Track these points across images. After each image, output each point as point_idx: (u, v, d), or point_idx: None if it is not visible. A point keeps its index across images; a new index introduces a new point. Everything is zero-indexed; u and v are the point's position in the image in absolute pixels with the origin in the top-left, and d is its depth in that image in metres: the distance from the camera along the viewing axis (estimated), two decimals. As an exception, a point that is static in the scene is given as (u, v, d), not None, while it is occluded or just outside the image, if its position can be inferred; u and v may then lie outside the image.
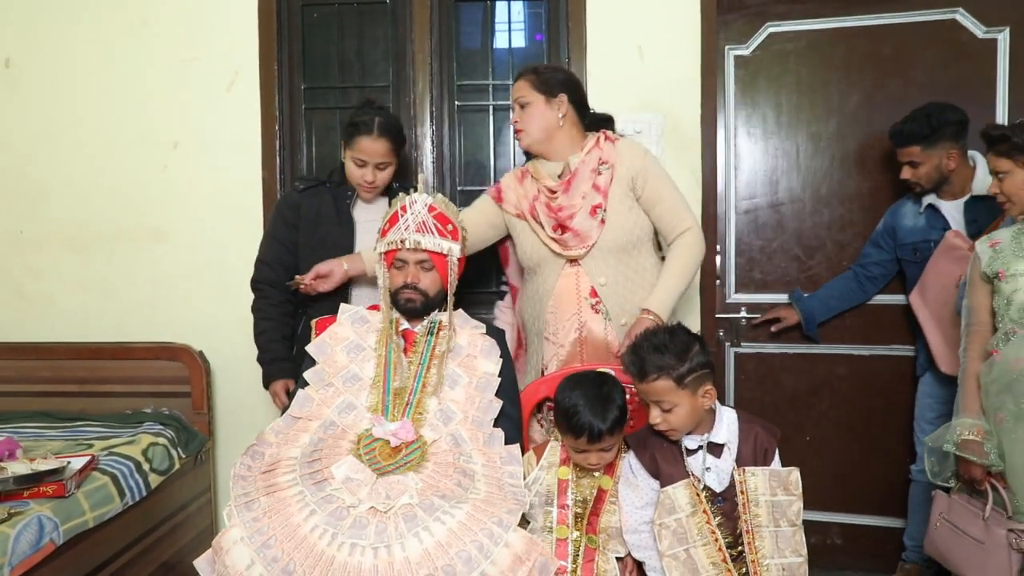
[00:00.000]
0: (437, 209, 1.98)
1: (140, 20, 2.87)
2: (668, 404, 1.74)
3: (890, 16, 2.73)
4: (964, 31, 2.68)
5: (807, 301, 2.76)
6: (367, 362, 1.94)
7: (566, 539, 1.84)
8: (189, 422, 2.73)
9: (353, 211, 2.38)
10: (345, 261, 2.22)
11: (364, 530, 1.57)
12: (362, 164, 2.31)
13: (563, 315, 2.17)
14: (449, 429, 1.84)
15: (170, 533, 2.51)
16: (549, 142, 2.20)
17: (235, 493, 1.67)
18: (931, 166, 2.44)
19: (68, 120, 2.91)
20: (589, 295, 2.16)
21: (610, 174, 2.16)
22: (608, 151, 2.19)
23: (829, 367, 2.86)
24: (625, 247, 2.16)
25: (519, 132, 2.21)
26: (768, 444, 1.82)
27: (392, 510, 1.61)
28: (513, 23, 2.95)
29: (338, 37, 2.92)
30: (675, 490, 1.77)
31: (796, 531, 1.76)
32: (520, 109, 2.19)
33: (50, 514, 1.92)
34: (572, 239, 2.14)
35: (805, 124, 2.84)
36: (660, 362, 1.73)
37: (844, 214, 2.83)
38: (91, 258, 2.93)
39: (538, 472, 1.91)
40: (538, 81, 2.18)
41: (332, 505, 1.62)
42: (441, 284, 1.98)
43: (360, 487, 1.66)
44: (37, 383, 2.81)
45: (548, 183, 2.19)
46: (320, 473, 1.70)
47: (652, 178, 2.18)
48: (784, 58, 2.82)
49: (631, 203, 2.17)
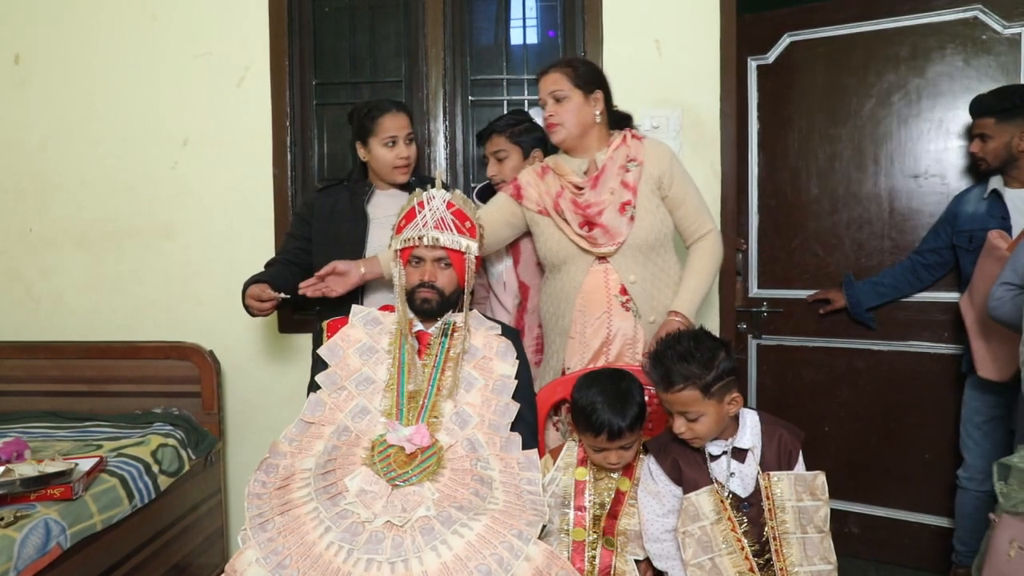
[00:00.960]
0: (456, 205, 1.92)
1: (150, 16, 2.84)
2: (694, 414, 1.67)
3: (908, 18, 2.78)
4: (985, 28, 2.71)
5: (856, 286, 2.80)
6: (380, 365, 1.89)
7: (583, 541, 1.80)
8: (199, 423, 2.69)
9: (368, 207, 2.35)
10: (363, 264, 2.17)
11: (380, 545, 1.53)
12: (393, 142, 2.29)
13: (592, 313, 2.12)
14: (465, 433, 1.79)
15: (179, 536, 2.47)
16: (583, 138, 2.16)
17: (250, 514, 1.64)
18: (1001, 142, 2.41)
19: (77, 117, 2.88)
20: (619, 293, 2.11)
21: (639, 171, 2.13)
22: (636, 149, 2.16)
23: (848, 360, 2.94)
24: (653, 245, 2.13)
25: (554, 127, 2.14)
26: (792, 447, 1.75)
27: (408, 523, 1.58)
28: (527, 19, 2.90)
29: (350, 32, 2.88)
30: (699, 496, 1.71)
31: (824, 537, 1.70)
32: (555, 103, 2.13)
33: (57, 517, 1.89)
34: (601, 236, 2.10)
35: (824, 126, 2.91)
36: (686, 371, 1.66)
37: (862, 213, 2.90)
38: (101, 256, 2.90)
39: (555, 473, 1.87)
40: (576, 76, 2.12)
41: (347, 520, 1.59)
42: (457, 283, 1.93)
43: (375, 500, 1.63)
44: (46, 383, 2.79)
45: (574, 179, 2.14)
46: (335, 486, 1.67)
47: (678, 179, 2.16)
48: (804, 65, 2.93)
49: (657, 202, 2.15)
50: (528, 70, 2.87)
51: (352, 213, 2.33)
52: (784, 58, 2.96)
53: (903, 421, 2.84)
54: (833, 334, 2.93)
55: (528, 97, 2.85)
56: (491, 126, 2.42)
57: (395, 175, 2.33)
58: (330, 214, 2.34)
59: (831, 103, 2.90)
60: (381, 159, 2.31)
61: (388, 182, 2.36)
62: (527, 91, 2.86)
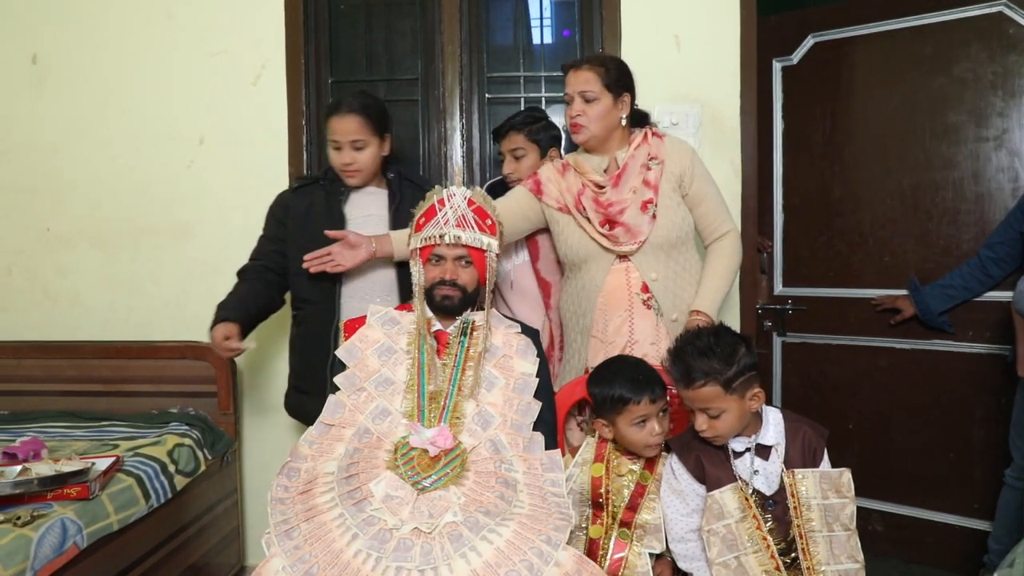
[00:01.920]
0: (476, 203, 1.90)
1: (166, 14, 2.83)
2: (716, 410, 1.65)
3: (932, 16, 2.74)
4: (1012, 23, 2.67)
5: (923, 292, 2.71)
6: (399, 365, 1.86)
7: (599, 539, 1.79)
8: (215, 423, 2.68)
9: (345, 208, 2.26)
10: (375, 240, 2.12)
11: (409, 552, 1.51)
12: (337, 147, 2.22)
13: (613, 312, 2.10)
14: (488, 434, 1.76)
15: (196, 536, 2.46)
16: (606, 140, 2.14)
17: (274, 520, 1.62)
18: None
19: (94, 116, 2.87)
20: (641, 291, 2.09)
21: (660, 170, 2.11)
22: (657, 147, 2.14)
23: (872, 358, 2.91)
24: (675, 243, 2.12)
25: (580, 128, 2.10)
26: (817, 444, 1.73)
27: (436, 529, 1.55)
28: (544, 17, 2.88)
29: (366, 29, 2.86)
30: (722, 494, 1.68)
31: (851, 535, 1.67)
32: (584, 103, 2.09)
33: (74, 517, 1.87)
34: (623, 234, 2.07)
35: (848, 126, 2.90)
36: (706, 367, 1.63)
37: (886, 212, 2.86)
38: (117, 255, 2.89)
39: (572, 469, 1.86)
40: (607, 77, 2.08)
41: (374, 527, 1.57)
42: (478, 281, 1.90)
43: (401, 506, 1.60)
44: (63, 382, 2.78)
45: (594, 178, 2.12)
46: (359, 491, 1.64)
47: (698, 177, 2.15)
48: (828, 65, 2.92)
49: (679, 199, 2.13)
50: (546, 67, 2.84)
51: (328, 213, 2.24)
52: (808, 58, 2.97)
53: (928, 419, 2.80)
54: (856, 332, 2.91)
55: (545, 94, 2.82)
56: (508, 123, 2.40)
57: (344, 177, 2.26)
58: (306, 214, 2.26)
59: (855, 103, 2.88)
60: (331, 160, 2.26)
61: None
62: (544, 88, 2.83)
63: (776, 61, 3.01)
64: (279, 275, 2.31)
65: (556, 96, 2.77)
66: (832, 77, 2.92)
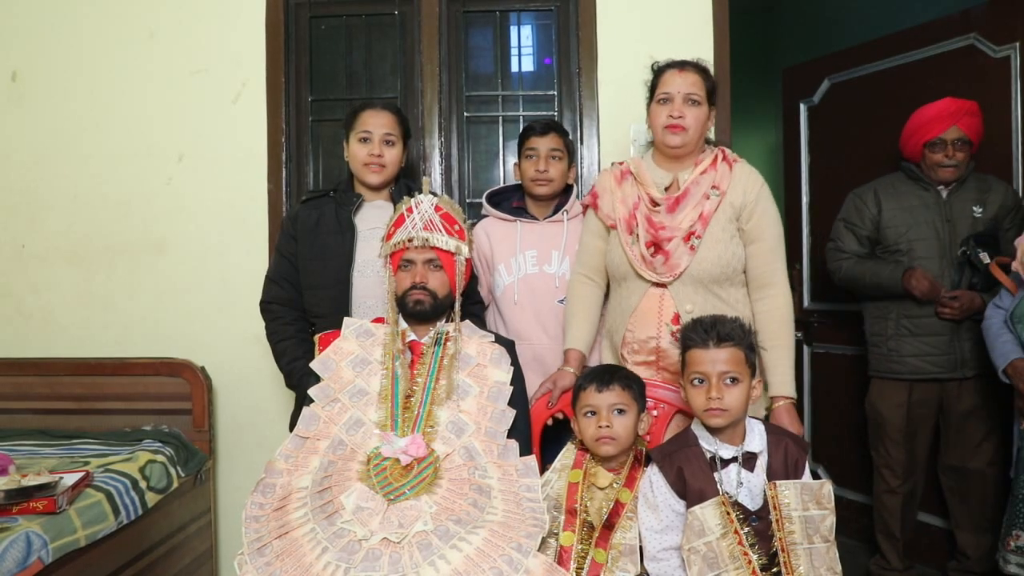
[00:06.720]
0: (444, 209, 1.93)
1: (147, 33, 2.84)
2: (735, 374, 1.66)
3: (916, 53, 3.07)
4: (980, 54, 2.86)
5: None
6: (373, 376, 1.86)
7: (571, 547, 1.74)
8: (189, 440, 2.64)
9: (355, 219, 2.27)
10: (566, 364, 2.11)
11: (377, 562, 1.52)
12: (367, 139, 2.23)
13: (640, 335, 2.03)
14: (462, 442, 1.76)
15: (167, 555, 2.41)
16: (692, 150, 2.05)
17: (248, 539, 1.62)
18: None
19: (73, 133, 2.87)
20: (671, 321, 1.99)
21: (717, 201, 2.00)
22: (723, 175, 2.02)
23: None
24: (718, 278, 1.99)
25: (680, 129, 1.99)
26: (799, 456, 1.73)
27: (405, 539, 1.55)
28: (523, 47, 2.92)
29: (346, 49, 2.89)
30: (703, 510, 1.65)
31: (829, 547, 1.67)
32: (688, 105, 2.00)
33: (39, 531, 1.83)
34: (661, 264, 1.99)
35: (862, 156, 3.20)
36: (732, 329, 1.68)
37: None
38: (92, 272, 2.87)
39: (549, 475, 1.85)
40: (708, 84, 2.03)
41: (344, 539, 1.57)
42: (449, 286, 1.91)
43: (371, 517, 1.60)
44: (35, 400, 2.74)
45: (653, 192, 2.04)
46: (331, 504, 1.64)
47: (760, 213, 2.01)
48: (843, 103, 3.36)
49: (733, 231, 2.01)
50: (524, 87, 2.88)
51: (338, 225, 2.25)
52: (827, 98, 3.44)
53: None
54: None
55: (524, 113, 2.85)
56: (552, 123, 2.37)
57: (365, 173, 2.26)
58: (316, 226, 2.27)
59: (868, 135, 3.17)
60: (354, 156, 2.26)
61: (361, 182, 2.30)
62: (523, 107, 2.86)
63: (802, 103, 3.50)
64: (304, 315, 2.29)
65: (534, 115, 2.80)
66: (847, 113, 3.29)
